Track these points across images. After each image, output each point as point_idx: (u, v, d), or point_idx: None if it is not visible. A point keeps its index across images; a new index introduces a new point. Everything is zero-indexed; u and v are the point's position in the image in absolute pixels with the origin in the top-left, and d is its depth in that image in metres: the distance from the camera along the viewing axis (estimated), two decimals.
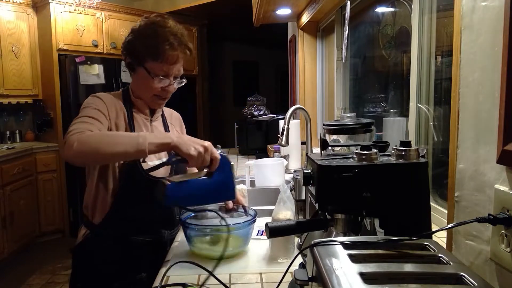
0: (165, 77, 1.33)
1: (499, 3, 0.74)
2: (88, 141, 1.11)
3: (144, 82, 1.35)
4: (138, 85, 1.39)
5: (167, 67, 1.32)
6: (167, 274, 1.14)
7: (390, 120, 1.89)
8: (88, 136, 1.13)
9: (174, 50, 1.31)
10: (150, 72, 1.32)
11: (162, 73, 1.32)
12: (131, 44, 1.35)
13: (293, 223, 0.87)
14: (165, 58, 1.30)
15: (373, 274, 0.60)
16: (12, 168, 3.90)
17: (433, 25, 1.61)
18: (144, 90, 1.37)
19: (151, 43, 1.30)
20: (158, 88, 1.35)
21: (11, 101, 4.38)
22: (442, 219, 1.38)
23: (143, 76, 1.34)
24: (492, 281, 0.78)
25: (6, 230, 3.77)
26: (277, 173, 2.07)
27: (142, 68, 1.33)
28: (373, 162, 0.84)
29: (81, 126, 1.17)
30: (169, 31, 1.31)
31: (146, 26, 1.34)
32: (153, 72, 1.32)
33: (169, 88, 1.37)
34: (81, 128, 1.16)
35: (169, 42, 1.29)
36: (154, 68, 1.32)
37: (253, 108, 3.66)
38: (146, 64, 1.32)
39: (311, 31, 3.47)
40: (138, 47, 1.33)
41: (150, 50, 1.30)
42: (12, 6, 4.29)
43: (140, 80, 1.36)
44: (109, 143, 1.11)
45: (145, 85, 1.35)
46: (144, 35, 1.33)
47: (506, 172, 0.74)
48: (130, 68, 1.38)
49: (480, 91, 0.81)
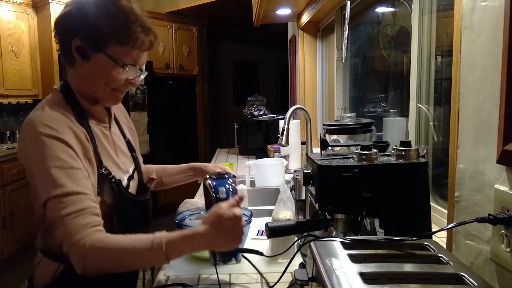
0: (133, 66, 1.07)
1: (499, 3, 0.74)
2: (102, 264, 0.90)
3: (103, 73, 1.05)
4: (90, 78, 1.06)
5: (137, 53, 1.06)
6: (167, 274, 1.14)
7: (390, 120, 1.89)
8: (100, 256, 0.90)
9: (148, 34, 1.06)
10: (115, 59, 1.03)
11: (130, 60, 1.05)
12: (85, 22, 1.02)
13: (293, 223, 0.87)
14: (137, 43, 1.04)
15: (373, 274, 0.60)
16: (12, 168, 3.90)
17: (433, 25, 1.61)
18: (101, 84, 1.06)
19: (120, 24, 1.02)
20: (122, 80, 1.07)
21: (11, 101, 4.38)
22: (442, 219, 1.38)
23: (103, 65, 1.04)
24: (492, 281, 0.78)
25: (6, 230, 3.78)
26: (277, 173, 2.07)
27: (102, 54, 1.02)
28: (373, 162, 0.84)
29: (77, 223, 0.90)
30: (136, 9, 1.05)
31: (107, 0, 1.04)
32: (120, 59, 1.03)
33: (136, 80, 1.10)
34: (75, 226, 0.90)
35: (140, 23, 1.04)
36: (120, 54, 1.03)
37: (253, 108, 3.66)
38: (109, 49, 1.02)
39: (311, 31, 3.47)
40: (99, 27, 1.01)
41: (117, 32, 1.02)
42: (12, 6, 4.29)
43: (98, 70, 1.05)
44: (127, 264, 0.93)
45: (104, 76, 1.05)
46: (107, 13, 1.02)
47: (506, 172, 0.74)
48: (81, 55, 1.03)
49: (480, 91, 0.81)
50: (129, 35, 1.03)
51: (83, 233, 0.89)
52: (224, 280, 1.10)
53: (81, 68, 1.06)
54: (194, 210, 1.41)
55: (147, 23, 1.06)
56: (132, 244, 0.91)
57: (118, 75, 1.05)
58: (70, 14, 1.05)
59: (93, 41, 1.02)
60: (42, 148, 0.94)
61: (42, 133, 0.95)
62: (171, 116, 5.43)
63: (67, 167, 0.95)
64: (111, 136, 1.16)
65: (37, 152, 0.95)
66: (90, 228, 0.91)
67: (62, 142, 0.97)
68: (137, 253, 0.90)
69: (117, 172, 1.10)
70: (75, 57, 1.04)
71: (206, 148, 5.97)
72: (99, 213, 0.96)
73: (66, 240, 0.90)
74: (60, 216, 0.90)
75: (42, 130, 0.96)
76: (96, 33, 1.02)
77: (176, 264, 1.20)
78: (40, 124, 0.97)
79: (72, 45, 1.03)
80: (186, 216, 1.36)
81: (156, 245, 0.88)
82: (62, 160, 0.95)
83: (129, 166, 1.19)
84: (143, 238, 0.90)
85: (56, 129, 0.97)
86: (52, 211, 0.92)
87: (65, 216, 0.90)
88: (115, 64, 1.04)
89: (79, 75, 1.08)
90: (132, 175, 1.18)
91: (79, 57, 1.04)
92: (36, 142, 0.96)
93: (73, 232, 0.89)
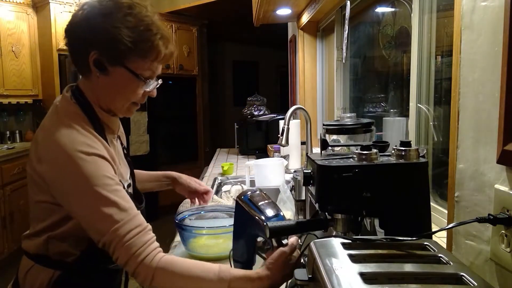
0: (151, 79, 1.03)
1: (499, 3, 0.74)
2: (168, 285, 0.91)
3: (123, 87, 1.01)
4: (108, 92, 1.02)
5: (156, 66, 1.03)
6: None
7: (390, 120, 1.89)
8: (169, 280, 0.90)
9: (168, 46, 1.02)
10: (136, 73, 0.99)
11: (149, 73, 1.02)
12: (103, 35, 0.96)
13: (293, 223, 0.87)
14: (160, 56, 1.01)
15: (373, 274, 0.60)
16: (12, 168, 3.90)
17: (433, 25, 1.61)
18: (120, 97, 1.02)
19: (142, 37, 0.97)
20: (141, 93, 1.03)
21: (11, 101, 4.38)
22: (442, 219, 1.38)
23: (121, 79, 0.99)
24: (492, 281, 0.78)
25: (6, 230, 3.78)
26: (277, 173, 2.07)
27: (122, 69, 0.98)
28: (373, 162, 0.84)
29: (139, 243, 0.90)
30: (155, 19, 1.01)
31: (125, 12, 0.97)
32: (140, 73, 1.00)
33: (154, 92, 1.07)
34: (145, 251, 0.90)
35: (161, 35, 1.00)
36: (140, 67, 0.99)
37: (253, 108, 3.66)
38: (128, 63, 0.98)
39: (311, 31, 3.47)
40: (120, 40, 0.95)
41: (140, 46, 0.97)
42: (12, 6, 4.29)
43: (117, 84, 1.00)
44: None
45: (124, 91, 1.01)
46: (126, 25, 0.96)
47: (506, 172, 0.74)
48: (99, 68, 0.98)
49: (480, 91, 0.81)
50: (152, 49, 0.99)
51: (147, 251, 0.90)
52: None
53: (97, 80, 1.00)
54: (194, 210, 1.41)
55: (166, 33, 1.02)
56: (200, 273, 0.90)
57: (138, 89, 1.01)
58: (85, 24, 0.98)
59: (112, 54, 0.97)
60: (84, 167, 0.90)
61: (80, 151, 0.91)
62: (171, 116, 5.43)
63: (114, 184, 0.93)
64: (118, 147, 1.14)
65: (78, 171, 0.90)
66: (151, 245, 0.91)
67: (103, 158, 0.94)
68: (203, 283, 0.89)
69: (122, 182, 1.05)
70: (92, 70, 0.99)
71: (206, 148, 5.97)
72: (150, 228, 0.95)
73: (132, 261, 0.89)
74: (121, 235, 0.89)
75: (78, 148, 0.91)
76: (116, 47, 0.96)
77: None
78: (73, 142, 0.92)
79: (90, 58, 0.98)
80: (186, 216, 1.36)
81: (221, 279, 0.88)
82: (109, 178, 0.92)
83: (127, 174, 1.15)
84: (210, 268, 0.90)
85: (92, 145, 0.94)
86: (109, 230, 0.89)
87: (126, 235, 0.89)
88: (136, 78, 0.99)
89: (96, 88, 1.02)
90: (130, 183, 1.16)
91: (97, 71, 0.99)
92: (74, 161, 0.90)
93: (139, 252, 0.89)
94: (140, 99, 1.05)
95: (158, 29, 0.99)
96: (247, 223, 0.97)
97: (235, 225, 1.05)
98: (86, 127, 0.97)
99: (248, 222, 0.96)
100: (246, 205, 0.98)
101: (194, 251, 1.24)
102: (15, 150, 4.03)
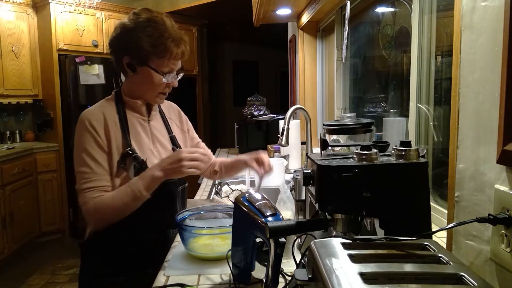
0: (170, 73, 1.35)
1: (499, 3, 0.74)
2: (101, 217, 1.28)
3: (150, 81, 1.34)
4: (140, 86, 1.37)
5: (173, 63, 1.34)
6: (167, 274, 1.14)
7: (390, 120, 1.89)
8: (98, 213, 1.26)
9: (178, 47, 1.32)
10: (157, 70, 1.32)
11: (167, 69, 1.33)
12: (131, 44, 1.30)
13: (293, 223, 0.87)
14: (172, 55, 1.31)
15: (373, 274, 0.60)
16: (12, 168, 3.90)
17: (433, 25, 1.61)
18: (148, 89, 1.36)
19: (157, 42, 1.29)
20: (164, 84, 1.36)
21: (11, 101, 4.38)
22: (442, 219, 1.38)
23: (149, 75, 1.32)
24: (492, 281, 0.78)
25: (6, 230, 3.77)
26: (277, 173, 2.07)
27: (147, 67, 1.31)
28: (373, 162, 0.84)
29: (87, 197, 1.26)
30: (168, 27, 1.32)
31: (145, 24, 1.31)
32: (160, 69, 1.32)
33: (174, 83, 1.39)
34: (89, 203, 1.25)
35: (173, 38, 1.30)
36: (160, 65, 1.31)
37: (253, 108, 3.66)
38: (151, 62, 1.31)
39: (311, 31, 3.47)
40: (142, 47, 1.29)
41: (157, 49, 1.29)
42: (12, 6, 4.29)
43: (145, 79, 1.34)
44: (117, 210, 1.26)
45: (151, 84, 1.34)
46: (147, 34, 1.29)
47: (506, 172, 0.74)
48: (131, 69, 1.34)
49: (480, 91, 0.81)
50: (166, 50, 1.29)
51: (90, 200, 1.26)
52: (225, 280, 1.10)
53: (131, 78, 1.37)
54: (194, 210, 1.41)
55: (177, 35, 1.32)
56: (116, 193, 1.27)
57: (160, 81, 1.34)
58: (119, 37, 1.33)
59: (138, 58, 1.31)
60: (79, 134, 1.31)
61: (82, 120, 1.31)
62: None
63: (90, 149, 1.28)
64: (150, 128, 1.43)
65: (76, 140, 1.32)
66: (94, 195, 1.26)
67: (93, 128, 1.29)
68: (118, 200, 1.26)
69: (150, 156, 1.36)
70: (127, 70, 1.35)
71: None
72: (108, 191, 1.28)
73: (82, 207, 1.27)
74: (80, 188, 1.27)
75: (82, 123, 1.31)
76: (140, 52, 1.30)
77: (176, 264, 1.20)
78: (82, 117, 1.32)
79: (123, 62, 1.33)
80: (186, 216, 1.36)
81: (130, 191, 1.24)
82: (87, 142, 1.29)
83: (165, 156, 1.39)
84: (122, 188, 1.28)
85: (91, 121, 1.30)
86: (76, 183, 1.29)
87: (83, 190, 1.26)
88: (157, 73, 1.32)
89: (131, 83, 1.39)
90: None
91: (129, 71, 1.35)
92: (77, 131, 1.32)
93: (83, 198, 1.26)
94: (165, 89, 1.38)
95: (169, 34, 1.30)
96: (247, 224, 0.97)
97: (234, 228, 1.06)
98: (110, 101, 1.39)
99: (247, 222, 0.96)
100: (245, 206, 0.98)
101: (194, 251, 1.24)
102: (15, 150, 4.03)
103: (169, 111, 1.58)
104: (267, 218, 0.93)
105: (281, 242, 0.90)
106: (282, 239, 0.90)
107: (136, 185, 1.24)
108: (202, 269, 1.16)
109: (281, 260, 0.90)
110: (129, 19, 1.34)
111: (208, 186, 2.26)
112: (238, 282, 1.05)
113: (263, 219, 0.92)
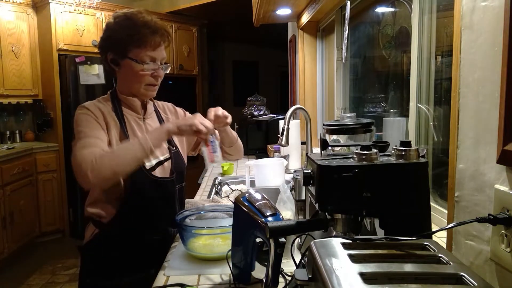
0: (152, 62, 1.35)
1: (499, 3, 0.74)
2: (100, 168, 1.16)
3: (133, 73, 1.34)
4: (126, 80, 1.38)
5: (151, 52, 1.34)
6: (167, 274, 1.14)
7: (390, 120, 1.89)
8: (98, 164, 1.16)
9: (154, 34, 1.33)
10: (137, 60, 1.32)
11: (148, 58, 1.34)
12: (111, 39, 1.35)
13: (293, 223, 0.87)
14: (148, 43, 1.32)
15: (373, 274, 0.60)
16: (12, 168, 3.90)
17: (433, 25, 1.61)
18: (134, 81, 1.36)
19: (132, 31, 1.31)
20: (148, 75, 1.35)
21: (11, 101, 4.38)
22: (442, 219, 1.38)
23: (130, 67, 1.34)
24: (492, 281, 0.78)
25: (6, 230, 3.78)
26: (277, 173, 2.07)
27: (128, 59, 1.33)
28: (373, 162, 0.84)
29: (85, 152, 1.19)
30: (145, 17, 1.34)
31: (122, 18, 1.36)
32: (140, 59, 1.33)
33: (159, 72, 1.38)
34: (86, 155, 1.18)
35: (148, 26, 1.32)
36: (139, 55, 1.33)
37: (253, 108, 3.66)
38: (130, 53, 1.33)
39: (311, 31, 3.47)
40: (120, 38, 1.33)
41: (132, 38, 1.31)
42: (12, 6, 4.29)
43: (128, 72, 1.35)
44: (120, 162, 1.19)
45: (135, 75, 1.35)
46: (123, 26, 1.33)
47: (506, 172, 0.74)
48: (115, 64, 1.37)
49: (480, 91, 0.81)
50: (142, 38, 1.31)
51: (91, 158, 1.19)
52: (224, 280, 1.10)
53: (118, 74, 1.40)
54: (194, 210, 1.41)
55: (153, 24, 1.33)
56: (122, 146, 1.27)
57: (142, 71, 1.34)
58: (102, 37, 1.38)
59: (119, 51, 1.34)
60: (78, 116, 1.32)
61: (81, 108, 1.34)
62: None
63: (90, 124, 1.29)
64: (145, 126, 1.43)
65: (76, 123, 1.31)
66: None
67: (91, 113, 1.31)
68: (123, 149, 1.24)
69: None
70: (112, 67, 1.38)
71: None
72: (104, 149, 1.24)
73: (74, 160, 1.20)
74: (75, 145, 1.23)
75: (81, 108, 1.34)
76: (119, 45, 1.33)
77: (176, 264, 1.20)
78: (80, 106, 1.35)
79: (108, 59, 1.37)
80: (186, 216, 1.36)
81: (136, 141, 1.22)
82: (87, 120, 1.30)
83: (161, 155, 1.42)
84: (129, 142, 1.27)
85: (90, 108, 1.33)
86: (74, 147, 1.24)
87: (77, 141, 1.24)
88: (137, 63, 1.33)
89: (120, 80, 1.41)
90: (162, 162, 1.42)
91: (115, 67, 1.38)
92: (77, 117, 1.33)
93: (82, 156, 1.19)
94: (152, 80, 1.37)
95: (145, 24, 1.32)
96: (247, 224, 0.97)
97: (234, 228, 1.06)
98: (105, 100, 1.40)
99: (247, 222, 0.96)
100: (245, 206, 0.98)
101: (194, 251, 1.24)
102: (15, 150, 4.03)
103: (164, 110, 1.59)
104: (267, 218, 0.92)
105: (281, 242, 0.90)
106: (282, 239, 0.90)
107: (143, 138, 1.22)
108: (202, 269, 1.16)
109: (281, 260, 0.90)
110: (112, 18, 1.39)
111: (208, 186, 2.26)
112: (238, 282, 1.05)
113: (263, 219, 0.92)
